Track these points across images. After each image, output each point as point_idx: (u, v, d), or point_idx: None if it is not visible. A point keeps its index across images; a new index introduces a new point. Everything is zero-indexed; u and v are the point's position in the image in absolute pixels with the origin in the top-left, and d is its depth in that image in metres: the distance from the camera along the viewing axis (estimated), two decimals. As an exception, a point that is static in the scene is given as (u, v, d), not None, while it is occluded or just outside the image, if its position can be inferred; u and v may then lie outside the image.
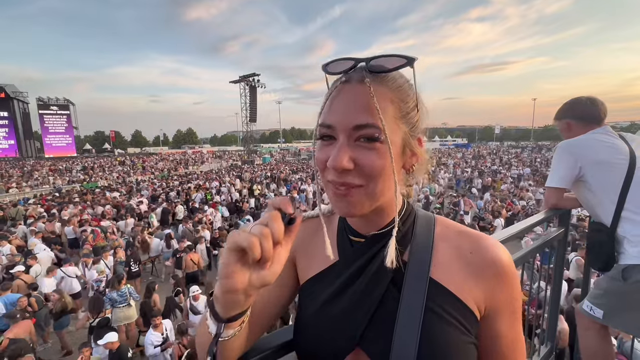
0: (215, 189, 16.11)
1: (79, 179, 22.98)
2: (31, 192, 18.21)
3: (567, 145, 1.51)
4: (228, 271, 0.39)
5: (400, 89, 0.47)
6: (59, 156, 44.41)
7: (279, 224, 0.40)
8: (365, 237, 0.55)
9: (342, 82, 0.47)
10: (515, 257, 1.29)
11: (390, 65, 0.45)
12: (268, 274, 0.40)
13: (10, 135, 43.40)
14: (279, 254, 0.41)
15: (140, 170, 29.01)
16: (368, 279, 0.51)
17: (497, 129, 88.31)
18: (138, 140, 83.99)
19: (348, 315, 0.51)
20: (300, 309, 0.58)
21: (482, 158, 32.00)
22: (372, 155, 0.44)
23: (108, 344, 3.91)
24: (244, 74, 40.67)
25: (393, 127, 0.46)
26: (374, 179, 0.45)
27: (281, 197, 0.44)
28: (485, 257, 0.49)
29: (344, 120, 0.45)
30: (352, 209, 0.47)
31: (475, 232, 0.53)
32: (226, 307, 0.43)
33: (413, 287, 0.48)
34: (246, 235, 0.37)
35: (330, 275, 0.55)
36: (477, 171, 21.70)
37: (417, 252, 0.51)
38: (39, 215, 11.12)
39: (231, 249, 0.38)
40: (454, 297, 0.48)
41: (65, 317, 5.31)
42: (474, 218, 9.79)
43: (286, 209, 0.41)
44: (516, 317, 0.51)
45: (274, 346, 0.58)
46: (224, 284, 0.40)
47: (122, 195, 15.54)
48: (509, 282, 0.49)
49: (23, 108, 46.01)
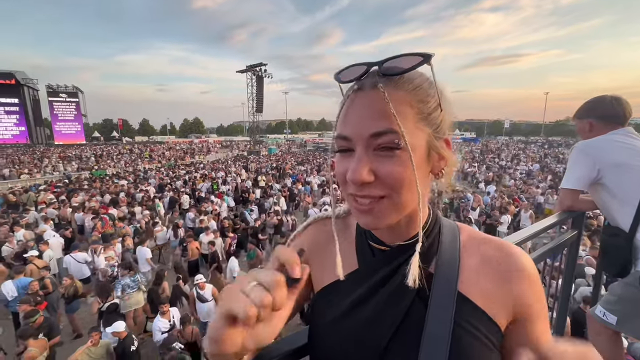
0: (222, 179, 16.22)
1: (88, 167, 23.29)
2: (42, 179, 18.56)
3: (585, 146, 1.47)
4: (218, 336, 0.35)
5: (418, 89, 0.44)
6: (69, 143, 45.01)
7: (282, 292, 0.35)
8: (390, 246, 0.52)
9: (354, 91, 0.45)
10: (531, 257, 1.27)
11: (405, 65, 0.42)
12: (265, 336, 0.37)
13: (21, 122, 44.04)
14: (280, 314, 0.38)
15: (147, 158, 29.28)
16: (392, 290, 0.49)
17: (506, 123, 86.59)
18: (145, 129, 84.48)
19: (371, 326, 0.49)
20: (315, 316, 0.56)
21: (490, 152, 31.59)
22: (392, 164, 0.42)
23: (115, 332, 4.01)
24: (250, 64, 40.38)
25: (414, 131, 0.43)
26: (397, 189, 0.43)
27: (289, 252, 0.38)
28: (512, 267, 0.48)
29: (359, 129, 0.43)
30: (378, 221, 0.45)
31: (500, 240, 0.52)
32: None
33: (441, 301, 0.47)
34: (243, 303, 0.33)
35: (350, 284, 0.53)
36: (485, 166, 21.45)
37: (443, 264, 0.50)
38: (50, 201, 11.34)
39: (223, 314, 0.35)
40: (481, 311, 0.47)
41: (75, 301, 5.46)
42: (480, 214, 9.70)
43: (293, 272, 0.36)
44: (543, 319, 0.51)
45: (286, 351, 0.57)
46: (213, 349, 0.36)
47: (129, 183, 15.72)
48: (536, 289, 0.49)
49: (33, 95, 46.50)
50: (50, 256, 6.49)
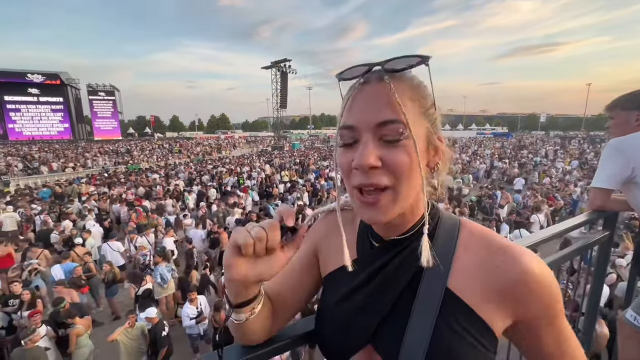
0: (247, 173, 16.66)
1: (124, 161, 24.74)
2: (83, 172, 19.99)
3: (619, 143, 1.38)
4: (227, 262, 0.45)
5: (419, 86, 0.48)
6: (106, 139, 47.98)
7: (276, 233, 0.44)
8: (384, 241, 0.55)
9: (360, 84, 0.47)
10: (554, 257, 1.24)
11: (405, 64, 0.45)
12: (264, 270, 0.46)
13: (65, 119, 47.42)
14: (279, 257, 0.46)
15: (177, 153, 30.59)
16: (384, 281, 0.52)
17: (542, 117, 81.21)
18: (175, 125, 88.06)
19: (362, 314, 0.53)
20: (320, 301, 0.62)
21: (524, 148, 29.90)
22: (398, 152, 0.44)
23: (147, 318, 4.31)
24: (275, 60, 40.72)
25: (416, 122, 0.45)
26: (402, 178, 0.45)
27: (287, 208, 0.47)
28: (513, 271, 0.46)
29: (366, 118, 0.45)
30: (379, 216, 0.47)
31: (503, 241, 0.50)
32: (232, 294, 0.49)
33: (428, 294, 0.48)
34: (245, 235, 0.43)
35: (348, 273, 0.55)
36: (517, 162, 20.38)
37: (436, 259, 0.49)
38: (91, 193, 12.24)
39: (231, 244, 0.44)
40: (470, 310, 0.47)
41: (114, 285, 5.91)
42: (511, 212, 9.27)
43: (287, 221, 0.46)
44: (558, 319, 0.49)
45: (295, 335, 0.62)
46: (226, 274, 0.46)
47: (161, 177, 16.56)
48: (543, 292, 0.46)
49: (75, 94, 49.81)
50: (91, 244, 7.04)
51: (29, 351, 3.60)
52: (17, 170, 19.73)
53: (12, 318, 4.66)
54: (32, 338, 3.65)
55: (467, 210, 9.21)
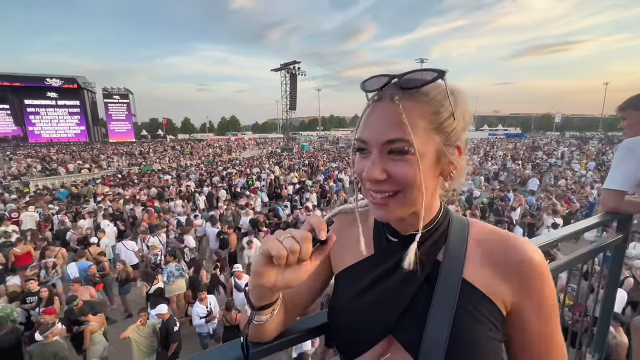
0: (256, 175, 16.80)
1: (137, 162, 25.30)
2: (99, 173, 20.54)
3: (633, 144, 1.35)
4: (258, 270, 0.47)
5: (432, 101, 0.49)
6: (121, 141, 49.18)
7: (308, 246, 0.45)
8: (403, 236, 0.58)
9: (374, 101, 0.52)
10: (563, 261, 1.22)
11: (420, 79, 0.48)
12: (292, 279, 0.47)
13: (81, 122, 48.91)
14: (306, 266, 0.47)
15: (188, 155, 31.11)
16: (403, 275, 0.55)
17: (557, 117, 79.20)
18: (187, 127, 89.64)
19: (383, 305, 0.56)
20: (334, 297, 0.64)
21: (538, 149, 29.22)
22: (402, 167, 0.48)
23: (159, 314, 4.40)
24: (284, 62, 41.03)
25: (424, 139, 0.48)
26: (408, 187, 0.49)
27: (319, 219, 0.48)
28: (515, 256, 0.51)
29: (376, 135, 0.49)
30: (389, 214, 0.52)
31: (507, 232, 0.56)
32: (256, 298, 0.52)
33: (446, 285, 0.52)
34: (278, 246, 0.44)
35: (366, 267, 0.60)
36: (531, 164, 19.94)
37: (450, 253, 0.55)
38: (106, 193, 12.57)
39: (263, 253, 0.45)
40: (484, 296, 0.51)
41: (127, 284, 6.04)
42: (524, 215, 9.07)
43: (319, 234, 0.46)
44: (549, 315, 0.52)
45: (307, 328, 0.65)
46: (254, 280, 0.48)
47: (172, 178, 16.86)
48: (539, 280, 0.51)
49: (91, 97, 51.35)
50: (106, 243, 7.23)
51: (48, 345, 3.71)
52: (35, 171, 20.43)
53: (30, 314, 4.82)
54: (52, 331, 3.76)
55: (478, 213, 9.06)
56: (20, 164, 22.68)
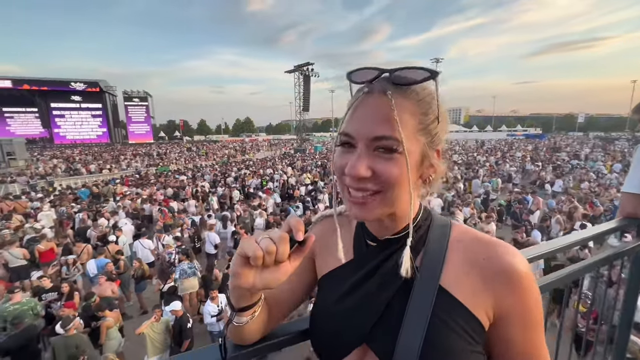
0: (269, 176, 16.95)
1: (155, 163, 26.01)
2: (118, 174, 21.25)
3: None
4: (235, 271, 0.46)
5: (422, 101, 0.48)
6: (140, 142, 50.75)
7: (285, 246, 0.43)
8: (380, 241, 0.57)
9: (364, 93, 0.48)
10: (580, 266, 1.17)
11: (413, 77, 0.46)
12: (270, 280, 0.45)
13: (103, 124, 50.77)
14: (285, 267, 0.45)
15: (204, 156, 31.73)
16: (380, 280, 0.54)
17: (580, 117, 75.97)
18: (203, 129, 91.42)
19: (358, 312, 0.54)
20: (316, 301, 0.63)
21: (559, 150, 28.11)
22: (389, 165, 0.46)
23: (173, 310, 4.50)
24: (298, 64, 41.22)
25: (412, 139, 0.47)
26: (391, 187, 0.47)
27: (297, 220, 0.46)
28: (497, 264, 0.48)
29: (364, 130, 0.46)
30: (366, 213, 0.49)
31: (491, 238, 0.52)
32: (236, 299, 0.51)
33: (422, 293, 0.50)
34: (254, 247, 0.43)
35: (345, 273, 0.59)
36: (551, 165, 19.21)
37: (429, 258, 0.52)
38: (125, 193, 12.99)
39: (239, 253, 0.44)
40: (462, 305, 0.48)
41: (143, 281, 6.22)
42: (544, 218, 8.73)
43: (296, 235, 0.44)
44: (533, 328, 0.49)
45: (290, 333, 0.64)
46: (232, 281, 0.47)
47: (188, 179, 17.23)
48: (521, 290, 0.47)
49: (112, 100, 53.18)
50: (124, 241, 7.47)
51: (71, 338, 3.87)
52: (60, 171, 21.35)
53: (52, 308, 5.04)
54: (73, 324, 3.92)
55: (494, 216, 8.79)
56: (46, 164, 23.80)
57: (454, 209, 9.02)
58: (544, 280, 1.06)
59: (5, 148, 23.59)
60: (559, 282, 1.07)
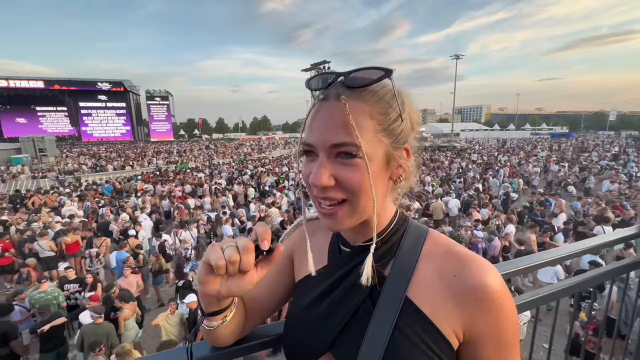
0: (285, 174, 17.09)
1: (174, 160, 26.81)
2: (140, 170, 22.05)
3: None
4: (200, 278, 0.45)
5: (380, 101, 0.46)
6: (161, 140, 52.45)
7: (250, 256, 0.42)
8: (352, 247, 0.55)
9: (320, 100, 0.48)
10: (598, 272, 1.11)
11: (367, 78, 0.44)
12: (235, 289, 0.44)
13: (127, 122, 52.85)
14: (251, 275, 0.44)
15: (221, 154, 32.40)
16: (347, 288, 0.52)
17: (612, 114, 71.57)
18: (221, 127, 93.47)
19: (325, 320, 0.53)
20: (289, 307, 0.63)
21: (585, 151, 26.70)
22: (350, 171, 0.45)
23: (190, 303, 4.63)
24: (314, 62, 41.31)
25: (373, 141, 0.45)
26: (356, 194, 0.46)
27: (264, 227, 0.44)
28: (468, 281, 0.46)
29: (321, 139, 0.45)
30: (338, 224, 0.48)
31: (465, 252, 0.49)
32: (205, 304, 0.51)
33: (387, 303, 0.48)
34: (217, 255, 0.42)
35: (318, 279, 0.57)
36: (578, 167, 18.30)
37: (398, 268, 0.50)
38: (145, 189, 13.47)
39: (204, 261, 0.44)
40: (427, 320, 0.46)
41: (160, 275, 6.43)
42: (569, 222, 8.31)
43: (261, 244, 0.42)
44: (507, 350, 0.46)
45: (265, 337, 0.64)
46: (199, 288, 0.46)
47: (206, 176, 17.66)
48: (493, 309, 0.44)
49: (136, 99, 55.24)
50: (143, 236, 7.75)
51: (100, 326, 4.07)
52: (87, 167, 22.41)
53: (77, 298, 5.30)
54: (101, 314, 4.13)
55: (514, 217, 8.47)
56: (74, 161, 25.05)
57: (471, 210, 8.78)
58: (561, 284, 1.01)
59: (37, 145, 25.03)
60: (580, 286, 1.02)
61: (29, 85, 44.91)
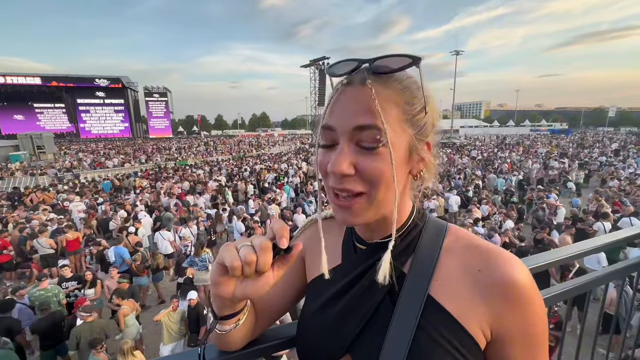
0: (284, 170, 17.06)
1: (174, 157, 26.73)
2: (139, 167, 21.99)
3: None
4: (214, 280, 0.43)
5: (406, 90, 0.44)
6: (160, 137, 52.25)
7: (267, 256, 0.40)
8: (369, 244, 0.53)
9: (343, 85, 0.46)
10: (609, 270, 1.09)
11: (394, 65, 0.42)
12: (251, 291, 0.42)
13: (125, 119, 52.55)
14: (267, 276, 0.42)
15: (220, 150, 32.31)
16: (365, 287, 0.51)
17: (611, 111, 71.48)
18: (220, 123, 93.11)
19: (342, 321, 0.51)
20: (302, 308, 0.60)
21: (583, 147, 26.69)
22: (373, 160, 0.42)
23: (191, 300, 4.64)
24: (314, 58, 41.09)
25: (397, 130, 0.43)
26: (376, 185, 0.43)
27: (281, 224, 0.41)
28: (495, 275, 0.43)
29: (344, 121, 0.43)
30: (354, 218, 0.46)
31: (490, 246, 0.47)
32: (218, 308, 0.48)
33: (408, 302, 0.46)
34: (232, 256, 0.39)
35: (332, 279, 0.55)
36: (577, 162, 18.30)
37: (418, 265, 0.48)
38: (144, 186, 13.43)
39: (218, 262, 0.41)
40: (452, 318, 0.44)
41: (160, 272, 6.43)
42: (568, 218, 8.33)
43: (280, 242, 0.40)
44: (537, 348, 0.44)
45: (277, 339, 0.62)
46: (212, 290, 0.45)
47: (205, 173, 17.61)
48: (522, 305, 0.43)
49: (134, 96, 54.87)
50: (142, 233, 7.73)
51: (94, 323, 4.07)
52: (85, 164, 22.33)
53: (77, 295, 5.29)
54: (92, 313, 4.12)
55: (514, 214, 8.48)
56: (72, 158, 24.95)
57: (470, 206, 8.79)
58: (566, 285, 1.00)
59: (35, 142, 24.91)
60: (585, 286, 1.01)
61: (27, 82, 44.48)
